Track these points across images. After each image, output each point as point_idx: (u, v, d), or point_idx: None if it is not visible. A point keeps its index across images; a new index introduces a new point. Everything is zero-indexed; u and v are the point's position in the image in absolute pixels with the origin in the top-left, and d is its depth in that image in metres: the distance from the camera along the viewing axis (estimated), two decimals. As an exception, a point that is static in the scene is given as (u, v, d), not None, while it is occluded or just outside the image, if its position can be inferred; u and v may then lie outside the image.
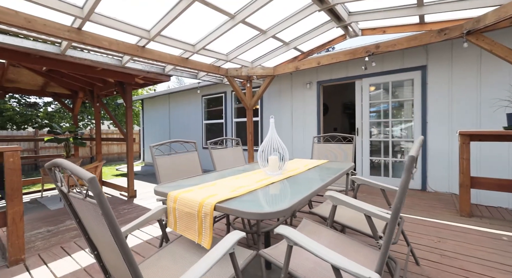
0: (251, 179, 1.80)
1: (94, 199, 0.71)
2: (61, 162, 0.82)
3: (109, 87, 5.15)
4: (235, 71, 4.43)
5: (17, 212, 2.10)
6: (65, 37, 2.47)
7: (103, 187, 5.20)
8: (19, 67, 4.54)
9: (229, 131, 6.99)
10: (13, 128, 10.22)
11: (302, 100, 5.66)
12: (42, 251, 2.37)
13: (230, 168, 2.90)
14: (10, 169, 2.06)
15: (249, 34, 3.61)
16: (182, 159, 2.35)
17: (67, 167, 0.77)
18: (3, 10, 2.10)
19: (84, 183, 0.69)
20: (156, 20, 2.82)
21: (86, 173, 0.69)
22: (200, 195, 1.38)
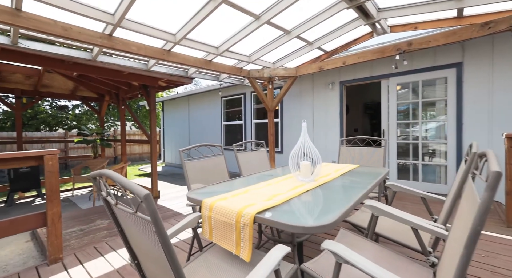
0: (284, 186, 1.74)
1: (148, 216, 0.68)
2: (111, 175, 0.81)
3: (133, 90, 5.31)
4: (257, 73, 4.39)
5: (55, 213, 2.19)
6: (98, 44, 2.55)
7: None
8: (53, 73, 4.81)
9: (248, 132, 6.97)
10: (46, 129, 10.90)
11: (324, 101, 5.50)
12: (77, 251, 2.46)
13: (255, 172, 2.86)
14: (49, 172, 2.15)
15: (273, 35, 3.55)
16: (210, 163, 2.34)
17: (118, 181, 0.75)
18: (42, 20, 2.19)
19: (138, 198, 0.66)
20: (182, 23, 2.84)
21: (140, 189, 0.66)
22: (236, 204, 1.34)
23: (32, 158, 2.12)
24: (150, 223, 0.69)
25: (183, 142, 9.29)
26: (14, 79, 4.99)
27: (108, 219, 3.48)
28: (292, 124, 6.09)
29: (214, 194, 1.59)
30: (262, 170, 2.99)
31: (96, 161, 5.75)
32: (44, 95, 5.81)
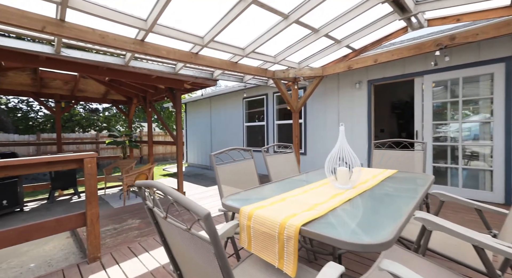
0: (321, 193, 1.64)
1: (208, 236, 0.64)
2: (164, 189, 0.78)
3: (160, 93, 5.47)
4: (282, 73, 4.30)
5: (94, 214, 2.28)
6: (131, 49, 2.62)
7: (155, 187, 5.53)
8: (87, 78, 5.09)
9: (270, 133, 6.90)
10: (80, 131, 11.67)
11: (350, 101, 5.27)
12: (113, 250, 2.55)
13: (285, 175, 2.79)
14: (89, 174, 2.24)
15: (299, 34, 3.44)
16: (240, 167, 2.31)
17: (174, 197, 0.71)
18: (82, 29, 2.30)
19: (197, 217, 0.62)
20: (210, 26, 2.84)
21: (201, 208, 0.61)
22: (276, 213, 1.28)
23: (73, 161, 2.23)
24: (209, 244, 0.65)
25: (205, 143, 9.45)
26: (54, 85, 5.36)
27: (139, 219, 3.59)
28: (316, 125, 5.92)
29: (249, 201, 1.55)
30: (292, 173, 2.91)
31: (125, 161, 6.02)
32: (80, 99, 6.18)
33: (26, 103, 11.66)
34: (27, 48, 2.55)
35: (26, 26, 1.99)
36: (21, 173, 2.00)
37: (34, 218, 4.25)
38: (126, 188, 4.63)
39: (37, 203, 5.09)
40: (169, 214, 0.85)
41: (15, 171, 1.95)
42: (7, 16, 1.91)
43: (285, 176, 2.80)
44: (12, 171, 1.93)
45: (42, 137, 9.45)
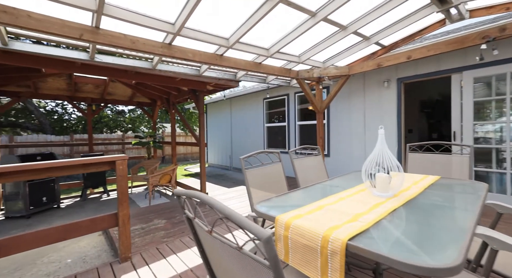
0: (360, 202, 1.53)
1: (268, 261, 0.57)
2: (212, 203, 0.73)
3: (183, 95, 5.58)
4: (306, 73, 4.18)
5: (125, 215, 2.33)
6: (159, 53, 2.66)
7: (178, 187, 5.65)
8: (116, 82, 5.32)
9: (292, 134, 6.77)
10: (107, 131, 12.32)
11: (378, 101, 5.00)
12: (142, 250, 2.60)
13: (313, 179, 2.68)
14: (120, 176, 2.30)
15: (326, 32, 3.31)
16: (268, 170, 2.24)
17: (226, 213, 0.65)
18: (115, 35, 2.36)
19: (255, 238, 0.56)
20: (235, 27, 2.81)
21: (261, 230, 0.55)
22: (316, 223, 1.19)
23: (106, 163, 2.30)
24: (268, 268, 0.58)
25: (225, 144, 9.52)
26: (86, 89, 5.66)
27: (165, 219, 3.66)
28: (340, 126, 5.70)
29: (284, 208, 1.47)
30: (320, 177, 2.80)
31: (150, 161, 6.21)
32: (109, 102, 6.49)
33: (61, 106, 12.54)
34: (65, 55, 2.69)
35: (66, 35, 2.08)
36: (61, 174, 2.10)
37: (70, 214, 4.51)
38: (151, 188, 4.76)
39: (71, 201, 5.41)
40: (199, 219, 0.81)
41: (57, 172, 2.04)
42: (49, 25, 2.01)
43: (313, 179, 2.69)
44: (54, 173, 2.02)
45: (75, 137, 10.07)
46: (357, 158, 5.39)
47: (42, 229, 1.97)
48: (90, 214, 4.48)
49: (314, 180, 2.70)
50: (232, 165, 9.12)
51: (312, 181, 2.67)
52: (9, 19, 1.87)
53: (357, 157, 5.39)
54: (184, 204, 1.01)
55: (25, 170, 1.88)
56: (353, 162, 5.47)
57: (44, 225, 4.01)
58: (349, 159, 5.54)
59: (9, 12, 1.87)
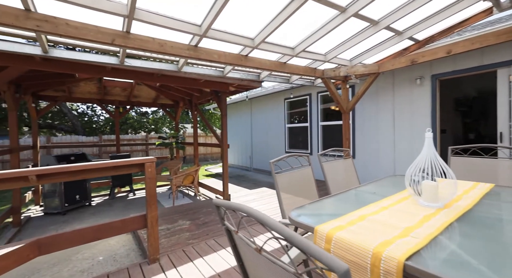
0: (407, 212, 1.39)
1: None
2: (265, 220, 0.66)
3: (205, 96, 5.63)
4: (332, 72, 4.01)
5: (154, 217, 2.36)
6: (185, 55, 2.67)
7: (200, 188, 5.71)
8: (141, 85, 5.49)
9: (314, 135, 6.58)
10: (132, 132, 12.87)
11: (409, 100, 4.68)
12: (169, 252, 2.62)
13: (344, 184, 2.54)
14: (149, 178, 2.33)
15: (355, 28, 3.13)
16: (298, 175, 2.14)
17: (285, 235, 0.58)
18: (144, 38, 2.40)
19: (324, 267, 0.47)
20: (261, 26, 2.74)
21: (337, 261, 0.47)
22: (362, 237, 1.08)
23: (136, 166, 2.34)
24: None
25: (245, 145, 9.52)
26: (114, 92, 5.92)
27: (189, 220, 3.69)
28: (367, 127, 5.42)
29: (320, 218, 1.38)
30: (351, 181, 2.65)
31: (172, 162, 6.36)
32: (134, 104, 6.74)
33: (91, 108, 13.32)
34: (98, 60, 2.79)
35: (100, 40, 2.14)
36: (95, 176, 2.16)
37: (100, 212, 4.72)
38: (175, 189, 4.85)
39: (101, 199, 5.68)
40: (245, 234, 0.73)
41: (91, 174, 2.10)
42: (85, 32, 2.08)
43: (343, 184, 2.55)
44: (88, 174, 2.09)
45: (103, 138, 10.63)
46: (385, 160, 5.10)
47: (79, 229, 2.04)
48: (118, 213, 4.66)
49: (345, 185, 2.55)
50: (252, 166, 9.09)
51: (342, 185, 2.53)
52: (50, 27, 1.95)
53: (385, 159, 5.10)
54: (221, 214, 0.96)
55: (63, 172, 1.95)
56: (380, 164, 5.18)
57: (77, 222, 4.23)
58: (375, 162, 5.26)
59: (50, 21, 1.96)
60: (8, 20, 1.83)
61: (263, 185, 6.35)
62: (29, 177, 1.83)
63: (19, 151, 4.26)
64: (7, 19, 1.82)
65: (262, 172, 8.54)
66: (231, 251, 2.59)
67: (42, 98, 5.37)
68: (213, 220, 3.65)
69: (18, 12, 1.86)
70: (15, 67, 2.93)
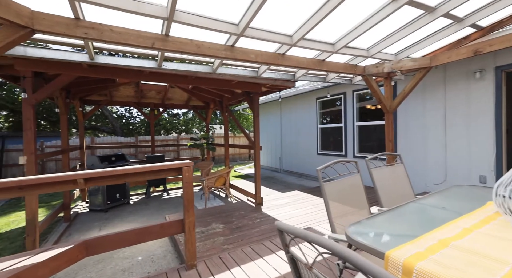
0: (502, 238, 1.11)
1: None
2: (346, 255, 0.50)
3: (236, 97, 5.58)
4: (375, 68, 3.66)
5: (191, 222, 2.32)
6: (222, 56, 2.60)
7: (231, 190, 5.68)
8: (175, 87, 5.63)
9: (349, 136, 6.18)
10: (164, 133, 13.49)
11: (465, 96, 4.12)
12: (206, 257, 2.57)
13: (396, 193, 2.26)
14: (186, 183, 2.29)
15: (405, 18, 2.79)
16: (346, 183, 1.93)
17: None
18: (182, 41, 2.37)
19: None
20: (301, 22, 2.56)
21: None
22: (459, 274, 0.86)
23: (173, 170, 2.31)
24: None
25: (275, 146, 9.36)
26: (150, 95, 6.17)
27: (222, 223, 3.64)
28: (411, 127, 4.91)
29: (382, 237, 1.17)
30: (404, 191, 2.34)
31: (204, 163, 6.43)
32: (168, 106, 6.98)
33: (128, 111, 14.25)
34: (138, 64, 2.86)
35: (141, 45, 2.15)
36: (135, 179, 2.18)
37: (137, 210, 4.93)
38: (207, 190, 4.86)
39: (137, 197, 5.96)
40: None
41: (132, 178, 2.12)
42: (127, 37, 2.10)
43: (395, 193, 2.27)
44: (130, 178, 2.11)
45: (139, 139, 11.27)
46: (433, 165, 4.56)
47: (121, 232, 2.07)
48: (153, 212, 4.81)
49: (398, 195, 2.26)
50: (282, 167, 8.89)
51: (395, 195, 2.24)
52: (96, 34, 2.00)
53: (433, 164, 4.56)
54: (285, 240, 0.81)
55: (107, 175, 1.99)
56: (428, 170, 4.65)
57: (118, 219, 4.45)
58: (422, 167, 4.73)
59: (96, 28, 2.01)
60: (60, 30, 1.90)
61: (295, 188, 6.12)
62: (77, 181, 1.88)
63: (69, 152, 4.61)
64: (60, 29, 1.90)
65: (292, 174, 8.30)
66: (269, 260, 2.46)
67: (87, 102, 5.80)
68: (247, 225, 3.56)
69: (69, 21, 1.93)
70: (66, 74, 3.13)
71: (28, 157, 2.88)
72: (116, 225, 4.18)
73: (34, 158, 2.91)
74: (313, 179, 7.29)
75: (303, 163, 7.76)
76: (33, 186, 1.81)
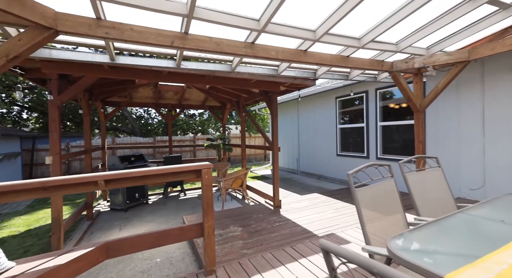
0: None
1: None
2: None
3: (253, 97, 5.48)
4: (404, 64, 3.40)
5: (210, 226, 2.23)
6: (242, 53, 2.50)
7: (248, 192, 5.58)
8: (192, 88, 5.63)
9: (372, 137, 5.87)
10: (181, 133, 13.71)
11: (507, 93, 3.72)
12: (225, 263, 2.48)
13: (436, 203, 2.04)
14: (206, 186, 2.21)
15: (442, 7, 2.54)
16: (380, 189, 1.75)
17: None
18: (201, 38, 2.30)
19: None
20: (325, 15, 2.40)
21: None
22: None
23: (192, 172, 2.24)
24: None
25: (292, 146, 9.17)
26: (167, 96, 6.24)
27: (240, 226, 3.54)
28: (441, 128, 4.55)
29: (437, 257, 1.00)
30: (444, 198, 2.11)
31: (220, 164, 6.39)
32: (185, 107, 7.03)
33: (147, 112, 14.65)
34: (157, 64, 2.84)
35: (160, 43, 2.11)
36: (154, 181, 2.14)
37: (155, 210, 4.97)
38: (224, 192, 4.80)
39: (156, 197, 6.03)
40: None
41: (151, 180, 2.08)
42: (147, 36, 2.07)
43: (434, 201, 2.04)
44: (149, 180, 2.07)
45: (157, 139, 11.52)
46: (468, 170, 4.17)
47: (141, 235, 2.03)
48: (171, 212, 4.83)
49: (437, 203, 2.04)
50: (300, 169, 8.67)
51: (434, 204, 2.02)
52: (116, 34, 1.98)
53: (468, 168, 4.17)
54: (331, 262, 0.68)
55: (127, 177, 1.95)
56: (462, 175, 4.27)
57: (137, 219, 4.50)
58: (454, 171, 4.35)
59: (117, 27, 1.98)
60: (83, 30, 1.89)
61: (314, 190, 5.91)
62: (98, 182, 1.86)
63: (91, 152, 4.74)
64: (82, 29, 1.89)
65: (310, 175, 8.06)
66: (292, 269, 2.32)
67: (109, 104, 5.96)
68: (265, 229, 3.43)
69: (90, 21, 1.92)
70: (89, 76, 3.19)
71: (53, 157, 2.95)
72: (135, 225, 4.22)
73: (59, 158, 2.98)
74: (332, 181, 7.02)
75: (321, 164, 7.51)
76: (56, 187, 1.80)
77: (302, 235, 3.18)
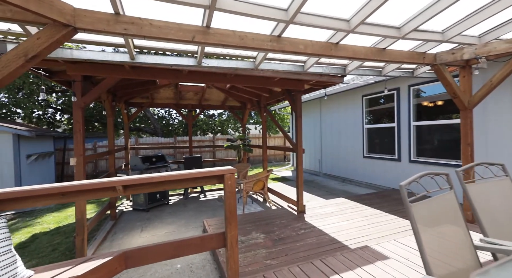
0: None
1: None
2: None
3: (274, 96, 5.25)
4: (450, 55, 2.99)
5: (234, 236, 2.05)
6: (267, 48, 2.29)
7: (269, 194, 5.36)
8: (212, 88, 5.53)
9: (404, 137, 5.38)
10: (201, 134, 13.83)
11: None
12: (248, 276, 2.29)
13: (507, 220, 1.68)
14: (228, 192, 2.03)
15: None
16: (438, 204, 1.44)
17: None
18: (224, 32, 2.13)
19: None
20: (362, 2, 2.11)
21: None
22: None
23: (215, 177, 2.07)
24: None
25: (314, 148, 8.80)
26: (188, 97, 6.21)
27: (262, 233, 3.34)
28: (491, 128, 4.00)
29: None
30: (515, 216, 1.74)
31: (241, 165, 6.23)
32: (205, 107, 6.97)
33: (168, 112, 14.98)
34: (177, 62, 2.72)
35: (181, 39, 1.97)
36: (175, 187, 2.00)
37: (176, 212, 4.92)
38: (245, 194, 4.62)
39: (176, 198, 6.02)
40: None
41: (171, 185, 1.94)
42: (166, 31, 1.93)
43: (506, 218, 1.68)
44: (169, 185, 1.93)
45: (177, 139, 11.69)
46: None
47: (160, 244, 1.90)
48: (192, 214, 4.75)
49: (510, 221, 1.68)
50: (322, 171, 8.29)
51: (505, 221, 1.66)
52: (135, 30, 1.86)
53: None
54: None
55: (146, 183, 1.83)
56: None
57: (158, 220, 4.47)
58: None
59: (135, 22, 1.87)
60: (101, 26, 1.79)
61: (339, 194, 5.55)
62: (116, 188, 1.75)
63: (114, 153, 4.80)
64: (100, 25, 1.79)
65: (334, 178, 7.66)
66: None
67: (131, 105, 6.06)
68: (290, 236, 3.20)
69: (109, 17, 1.82)
70: (111, 77, 3.17)
71: (77, 158, 2.96)
72: (156, 226, 4.19)
73: (82, 159, 2.98)
74: (359, 185, 6.58)
75: (346, 166, 7.08)
76: (74, 193, 1.72)
77: (330, 246, 2.90)
